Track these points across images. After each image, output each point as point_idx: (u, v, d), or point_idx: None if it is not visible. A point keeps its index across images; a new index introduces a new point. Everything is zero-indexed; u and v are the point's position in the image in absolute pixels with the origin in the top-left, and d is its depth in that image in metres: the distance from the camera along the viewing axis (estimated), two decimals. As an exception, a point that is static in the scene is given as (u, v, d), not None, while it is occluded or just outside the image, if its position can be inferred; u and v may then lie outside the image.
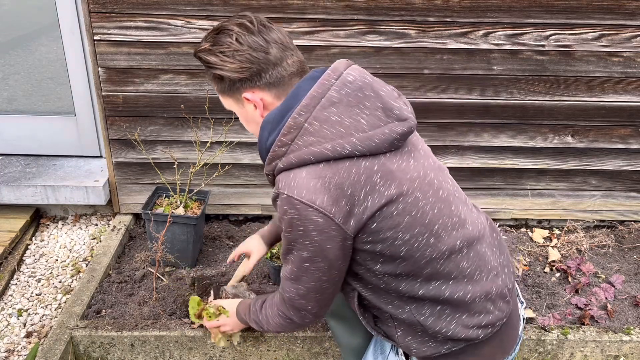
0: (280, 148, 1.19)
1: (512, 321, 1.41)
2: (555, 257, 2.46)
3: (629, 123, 2.46)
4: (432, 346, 1.35)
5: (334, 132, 1.15)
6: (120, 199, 2.58)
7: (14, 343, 2.02)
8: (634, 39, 2.27)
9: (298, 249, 1.23)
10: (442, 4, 2.18)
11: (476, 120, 2.43)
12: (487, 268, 1.34)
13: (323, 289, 1.31)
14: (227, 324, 1.71)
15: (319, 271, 1.26)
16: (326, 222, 1.16)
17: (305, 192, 1.15)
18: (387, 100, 1.20)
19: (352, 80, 1.19)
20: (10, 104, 2.70)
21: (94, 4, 2.15)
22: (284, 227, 1.23)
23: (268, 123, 1.23)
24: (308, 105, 1.16)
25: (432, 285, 1.29)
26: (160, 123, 2.40)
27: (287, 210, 1.18)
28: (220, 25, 1.21)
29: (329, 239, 1.19)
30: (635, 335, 2.01)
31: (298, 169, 1.18)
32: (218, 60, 1.20)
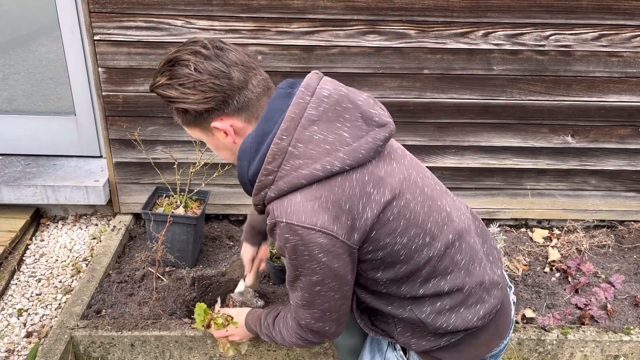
0: (267, 177, 1.15)
1: (505, 307, 1.43)
2: (555, 257, 2.46)
3: (629, 123, 2.46)
4: (431, 340, 1.36)
5: (320, 151, 1.13)
6: (120, 199, 2.58)
7: (14, 343, 2.02)
8: (634, 39, 2.27)
9: (306, 274, 1.20)
10: (442, 4, 2.18)
11: (476, 120, 2.43)
12: (478, 257, 1.36)
13: (338, 307, 1.28)
14: (236, 334, 1.67)
15: (331, 291, 1.23)
16: (330, 241, 1.14)
17: (304, 216, 1.12)
18: (365, 109, 1.19)
19: (328, 95, 1.16)
20: (10, 104, 2.70)
21: (94, 4, 2.15)
22: (287, 254, 1.19)
23: (245, 152, 1.18)
24: (288, 128, 1.13)
25: (432, 282, 1.29)
26: (160, 123, 2.40)
27: (289, 237, 1.14)
28: (174, 56, 1.14)
29: (335, 257, 1.17)
30: (635, 335, 2.01)
31: (291, 194, 1.14)
32: (179, 94, 1.13)
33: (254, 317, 1.57)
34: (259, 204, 1.22)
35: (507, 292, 1.47)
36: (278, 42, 2.23)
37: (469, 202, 2.58)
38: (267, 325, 1.47)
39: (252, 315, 1.59)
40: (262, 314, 1.53)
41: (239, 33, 2.21)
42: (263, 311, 1.54)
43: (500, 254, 1.50)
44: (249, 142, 1.18)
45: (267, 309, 1.53)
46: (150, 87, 1.18)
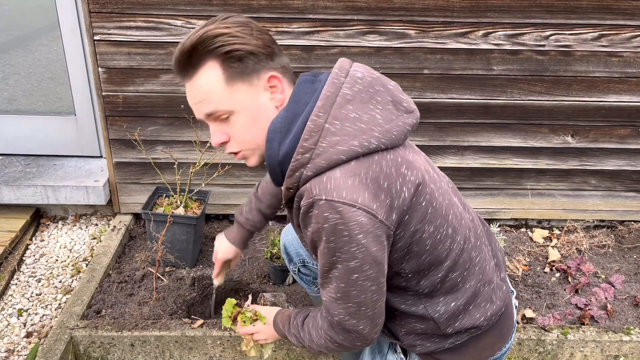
0: (303, 155, 1.11)
1: (508, 310, 1.43)
2: (555, 257, 2.46)
3: (629, 123, 2.46)
4: (437, 341, 1.35)
5: (356, 129, 1.12)
6: (120, 199, 2.58)
7: (14, 343, 2.02)
8: (634, 39, 2.27)
9: (344, 259, 1.14)
10: (442, 4, 2.18)
11: (476, 120, 2.43)
12: (487, 257, 1.37)
13: (374, 302, 1.22)
14: (262, 332, 1.58)
15: (368, 280, 1.17)
16: (370, 221, 1.10)
17: (345, 192, 1.08)
18: (395, 94, 1.19)
19: (361, 77, 1.16)
20: (10, 104, 2.70)
21: (94, 4, 2.15)
22: (324, 237, 1.12)
23: (275, 133, 1.15)
24: (324, 106, 1.12)
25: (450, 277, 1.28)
26: (160, 123, 2.40)
27: (328, 216, 1.09)
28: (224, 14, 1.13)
29: (374, 239, 1.12)
30: (635, 335, 2.01)
31: (330, 171, 1.10)
32: (240, 35, 1.08)
33: (283, 316, 1.51)
34: (292, 187, 1.16)
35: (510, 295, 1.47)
36: (278, 42, 2.20)
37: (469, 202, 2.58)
38: (295, 325, 1.41)
39: (282, 314, 1.52)
40: (291, 313, 1.47)
41: (239, 33, 2.21)
42: (293, 311, 1.48)
43: (504, 257, 1.50)
44: (279, 123, 1.14)
45: (298, 309, 1.48)
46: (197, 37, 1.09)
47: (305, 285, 1.84)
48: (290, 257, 1.79)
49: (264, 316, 1.57)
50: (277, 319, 1.52)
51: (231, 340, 1.93)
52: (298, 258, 1.76)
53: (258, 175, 2.53)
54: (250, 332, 1.59)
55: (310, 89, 1.16)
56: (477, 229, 1.37)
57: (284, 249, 1.79)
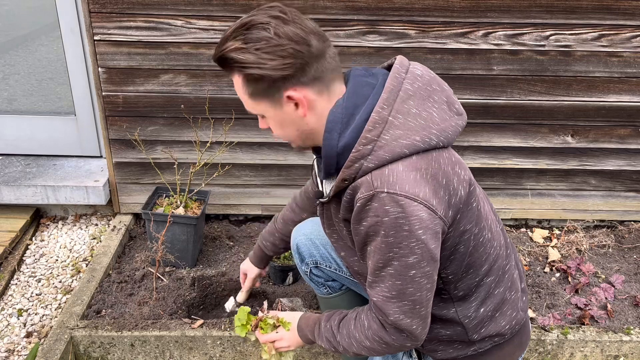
0: (365, 146, 1.09)
1: (527, 319, 1.45)
2: (555, 257, 2.46)
3: (629, 123, 2.46)
4: (459, 348, 1.35)
5: (417, 124, 1.11)
6: (120, 199, 2.58)
7: (14, 343, 2.02)
8: (634, 39, 2.27)
9: (402, 255, 1.11)
10: (442, 4, 2.18)
11: (476, 120, 2.43)
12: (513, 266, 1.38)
13: (427, 300, 1.19)
14: (285, 339, 1.51)
15: (425, 277, 1.15)
16: (430, 216, 1.09)
17: (407, 186, 1.07)
18: (449, 95, 1.20)
19: (420, 75, 1.17)
20: (10, 104, 2.70)
21: (94, 4, 2.15)
22: (382, 232, 1.10)
23: (336, 123, 1.12)
24: (389, 99, 1.11)
25: (485, 282, 1.28)
26: (160, 123, 2.40)
27: (389, 209, 1.07)
28: (249, 19, 1.07)
29: (433, 236, 1.11)
30: (635, 335, 2.01)
31: (393, 164, 1.09)
32: (255, 58, 1.05)
33: (308, 321, 1.45)
34: (348, 179, 1.14)
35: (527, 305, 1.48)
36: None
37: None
38: (329, 329, 1.36)
39: (307, 319, 1.46)
40: (320, 317, 1.41)
41: (239, 33, 2.21)
42: (321, 315, 1.42)
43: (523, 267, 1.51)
44: (339, 113, 1.13)
45: (328, 312, 1.42)
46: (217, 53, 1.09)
47: (315, 286, 1.80)
48: (302, 257, 1.73)
49: (288, 322, 1.50)
50: (301, 324, 1.47)
51: (231, 340, 1.93)
52: (311, 259, 1.71)
53: (258, 175, 2.53)
54: (272, 339, 1.53)
55: (367, 83, 1.15)
56: (506, 237, 1.38)
57: (296, 248, 1.73)
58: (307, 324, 1.45)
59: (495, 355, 1.38)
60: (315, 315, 1.46)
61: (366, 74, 1.17)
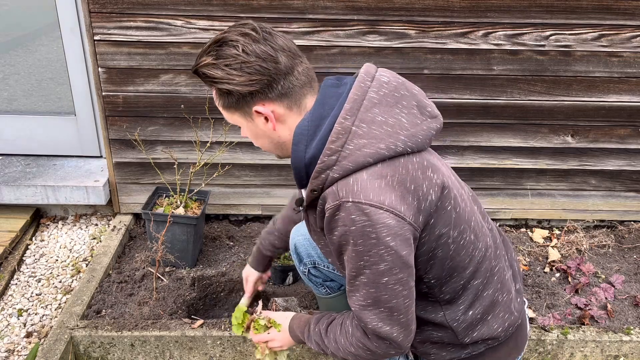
0: (330, 157, 1.12)
1: (523, 320, 1.44)
2: (555, 257, 2.46)
3: (629, 123, 2.46)
4: (452, 351, 1.35)
5: (383, 132, 1.12)
6: (120, 199, 2.58)
7: (14, 343, 2.02)
8: (634, 39, 2.27)
9: (372, 263, 1.13)
10: (442, 4, 2.18)
11: (476, 120, 2.43)
12: (505, 267, 1.37)
13: (406, 307, 1.20)
14: (277, 339, 1.54)
15: (398, 284, 1.16)
16: (398, 223, 1.10)
17: (372, 194, 1.09)
18: (420, 99, 1.20)
19: (387, 81, 1.18)
20: (10, 104, 2.70)
21: (94, 4, 2.15)
22: (352, 241, 1.12)
23: (302, 135, 1.16)
24: (352, 109, 1.13)
25: (471, 284, 1.28)
26: (160, 123, 2.40)
27: (355, 219, 1.10)
28: (222, 37, 1.12)
29: (403, 242, 1.12)
30: (635, 335, 2.01)
31: (357, 173, 1.11)
32: (224, 74, 1.11)
33: (300, 322, 1.47)
34: (317, 189, 1.17)
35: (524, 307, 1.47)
36: (278, 42, 2.22)
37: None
38: (317, 332, 1.38)
39: (298, 320, 1.49)
40: (310, 319, 1.43)
41: (239, 33, 2.21)
42: (312, 316, 1.45)
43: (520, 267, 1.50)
44: (305, 126, 1.16)
45: (318, 315, 1.43)
46: (194, 67, 1.16)
47: (314, 286, 1.81)
48: (300, 257, 1.75)
49: (278, 323, 1.53)
50: (293, 325, 1.49)
51: (231, 340, 1.93)
52: (309, 259, 1.73)
53: (258, 175, 2.53)
54: (265, 339, 1.56)
55: (335, 93, 1.17)
56: (496, 238, 1.37)
57: (294, 249, 1.75)
58: (298, 325, 1.47)
59: (489, 358, 1.37)
60: (306, 316, 1.47)
61: (337, 84, 1.19)
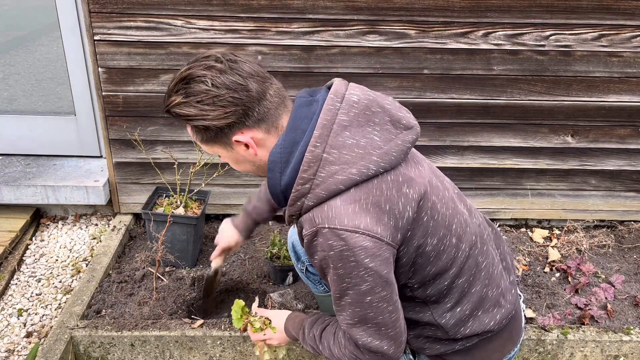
0: (303, 185, 1.14)
1: (517, 312, 1.44)
2: (555, 257, 2.46)
3: (629, 123, 2.46)
4: (446, 344, 1.36)
5: (354, 155, 1.13)
6: (120, 199, 2.58)
7: (14, 343, 2.02)
8: (634, 39, 2.27)
9: (354, 284, 1.15)
10: (442, 4, 2.18)
11: (476, 120, 2.43)
12: (495, 261, 1.38)
13: (393, 322, 1.22)
14: (274, 338, 1.57)
15: (382, 301, 1.18)
16: (375, 244, 1.12)
17: (346, 219, 1.11)
18: (393, 113, 1.20)
19: (357, 100, 1.17)
20: (10, 104, 2.70)
21: (94, 4, 2.15)
22: (332, 265, 1.14)
23: (276, 163, 1.17)
24: (321, 135, 1.12)
25: (457, 283, 1.29)
26: (160, 123, 2.40)
27: (332, 244, 1.12)
28: (187, 73, 1.11)
29: (382, 262, 1.14)
30: (635, 335, 2.01)
31: (331, 200, 1.13)
32: (198, 111, 1.10)
33: (294, 322, 1.49)
34: (295, 215, 1.20)
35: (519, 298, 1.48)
36: (278, 42, 2.23)
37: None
38: (312, 337, 1.40)
39: (293, 320, 1.50)
40: (305, 321, 1.45)
41: (239, 33, 2.21)
42: (306, 318, 1.46)
43: (513, 259, 1.51)
44: (279, 153, 1.16)
45: (312, 317, 1.45)
46: (165, 107, 1.14)
47: (312, 284, 1.83)
48: (297, 255, 1.77)
49: (273, 326, 1.55)
50: (287, 325, 1.50)
51: (231, 340, 1.93)
52: (306, 257, 1.75)
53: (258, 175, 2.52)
54: (262, 338, 1.58)
55: (307, 114, 1.16)
56: (483, 233, 1.37)
57: (292, 247, 1.77)
58: (293, 326, 1.49)
59: (484, 349, 1.38)
60: (301, 316, 1.49)
61: (309, 102, 1.18)
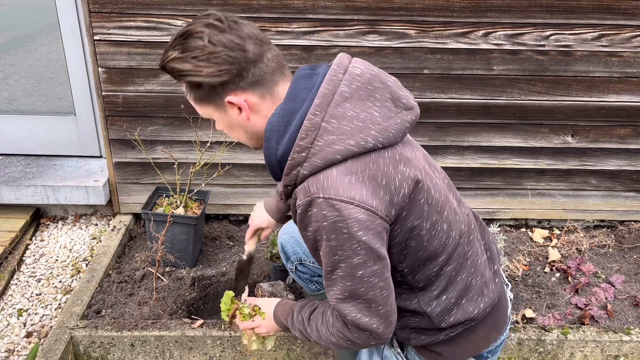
0: (299, 154, 1.12)
1: (502, 301, 1.45)
2: (555, 257, 2.46)
3: (629, 123, 2.46)
4: (430, 334, 1.36)
5: (353, 127, 1.12)
6: (120, 199, 2.58)
7: (14, 343, 2.02)
8: (634, 39, 2.27)
9: (346, 257, 1.14)
10: (442, 4, 2.18)
11: (476, 120, 2.43)
12: (479, 251, 1.38)
13: (384, 299, 1.20)
14: (263, 326, 1.54)
15: (373, 276, 1.17)
16: (369, 217, 1.10)
17: (342, 190, 1.09)
18: (394, 90, 1.19)
19: (360, 74, 1.16)
20: (10, 104, 2.70)
21: (94, 4, 2.15)
22: (325, 236, 1.13)
23: (273, 132, 1.15)
24: (322, 104, 1.12)
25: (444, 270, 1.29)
26: (160, 123, 2.40)
27: (326, 214, 1.10)
28: (186, 29, 1.10)
29: (375, 235, 1.13)
30: (635, 335, 2.01)
31: (327, 170, 1.11)
32: (192, 67, 1.10)
33: (284, 308, 1.47)
34: (290, 185, 1.17)
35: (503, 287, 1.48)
36: (278, 42, 2.23)
37: (469, 202, 2.58)
38: (300, 320, 1.38)
39: (282, 306, 1.48)
40: (294, 306, 1.44)
41: (239, 33, 2.21)
42: (295, 303, 1.45)
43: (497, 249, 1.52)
44: (276, 121, 1.15)
45: (301, 302, 1.43)
46: (161, 62, 1.14)
47: (303, 283, 1.85)
48: (287, 255, 1.79)
49: (263, 312, 1.54)
50: (277, 312, 1.50)
51: (231, 340, 1.94)
52: (295, 256, 1.77)
53: (258, 175, 2.53)
54: (251, 327, 1.56)
55: (307, 85, 1.15)
56: (471, 224, 1.38)
57: (281, 248, 1.81)
58: (282, 312, 1.47)
59: (468, 338, 1.38)
60: (291, 302, 1.48)
61: (310, 74, 1.18)
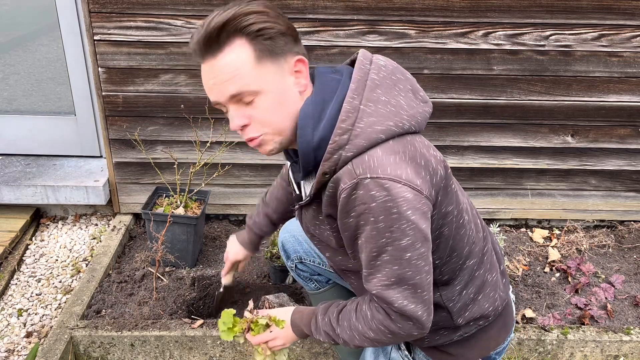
0: (341, 136, 1.10)
1: (509, 302, 1.47)
2: (555, 257, 2.46)
3: (629, 123, 2.46)
4: (445, 334, 1.36)
5: (389, 111, 1.13)
6: (120, 199, 2.58)
7: (14, 343, 2.02)
8: (634, 39, 2.27)
9: (395, 239, 1.11)
10: (442, 4, 2.18)
11: (476, 120, 2.43)
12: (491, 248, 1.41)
13: (428, 284, 1.18)
14: (279, 337, 1.44)
15: (421, 259, 1.14)
16: (416, 196, 1.09)
17: (389, 169, 1.08)
18: (413, 83, 1.22)
19: (384, 65, 1.19)
20: (10, 104, 2.70)
21: (94, 4, 2.15)
22: (372, 219, 1.09)
23: (308, 119, 1.13)
24: (358, 88, 1.13)
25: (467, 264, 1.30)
26: (160, 123, 2.40)
27: (375, 194, 1.07)
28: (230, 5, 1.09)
29: (422, 215, 1.11)
30: (635, 335, 2.01)
31: (371, 150, 1.10)
32: (269, 17, 1.08)
33: (302, 315, 1.40)
34: (329, 172, 1.14)
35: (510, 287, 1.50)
36: (278, 42, 2.23)
37: (469, 202, 2.59)
38: (327, 322, 1.32)
39: (300, 313, 1.41)
40: (316, 310, 1.37)
41: (239, 33, 2.21)
42: (316, 308, 1.38)
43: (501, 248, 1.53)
44: (310, 109, 1.14)
45: (323, 304, 1.38)
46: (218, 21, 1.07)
47: (303, 282, 1.84)
48: (287, 254, 1.80)
49: (281, 320, 1.44)
50: (295, 319, 1.43)
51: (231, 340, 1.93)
52: (295, 255, 1.77)
53: (258, 175, 2.53)
54: (266, 339, 1.46)
55: (333, 79, 1.17)
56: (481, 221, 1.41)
57: (282, 246, 1.81)
58: (301, 319, 1.41)
59: (480, 339, 1.39)
60: (309, 308, 1.42)
61: (331, 71, 1.20)
